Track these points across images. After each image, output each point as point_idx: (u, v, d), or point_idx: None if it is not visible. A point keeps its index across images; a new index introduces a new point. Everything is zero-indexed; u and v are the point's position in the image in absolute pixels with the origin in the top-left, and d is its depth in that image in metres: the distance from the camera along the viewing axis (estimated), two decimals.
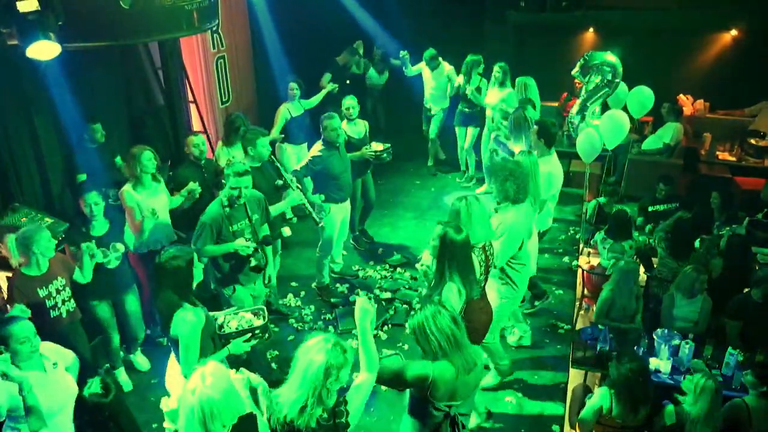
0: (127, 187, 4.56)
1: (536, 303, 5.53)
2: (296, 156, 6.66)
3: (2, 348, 3.02)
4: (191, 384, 2.47)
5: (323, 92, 7.11)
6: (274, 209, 4.68)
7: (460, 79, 7.60)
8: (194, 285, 3.31)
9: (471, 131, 7.81)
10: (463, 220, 3.73)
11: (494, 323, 4.15)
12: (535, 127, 5.24)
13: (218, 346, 3.39)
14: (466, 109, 7.72)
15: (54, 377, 3.14)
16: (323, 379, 2.41)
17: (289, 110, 6.59)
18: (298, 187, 4.81)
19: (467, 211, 3.76)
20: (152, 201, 4.55)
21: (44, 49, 3.43)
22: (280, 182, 4.89)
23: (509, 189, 4.22)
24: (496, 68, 7.22)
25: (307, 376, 2.42)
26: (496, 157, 6.61)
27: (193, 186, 4.79)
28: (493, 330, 4.29)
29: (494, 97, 7.23)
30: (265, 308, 3.66)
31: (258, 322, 3.47)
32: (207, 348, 3.31)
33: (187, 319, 3.16)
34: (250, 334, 3.41)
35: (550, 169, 5.02)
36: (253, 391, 2.92)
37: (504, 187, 4.24)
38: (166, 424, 2.80)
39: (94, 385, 2.57)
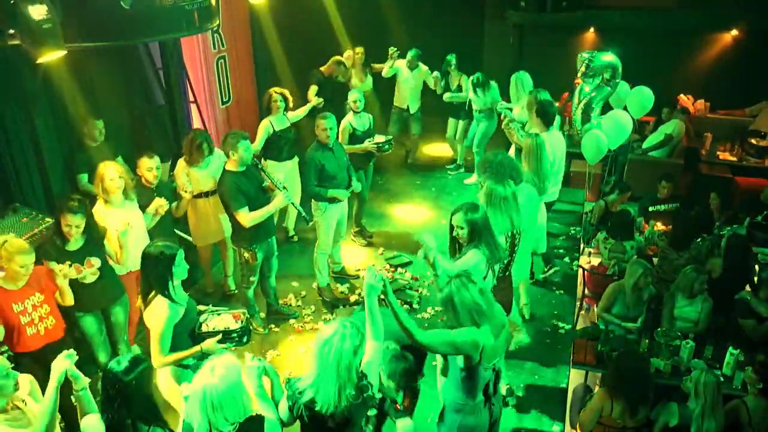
0: (98, 207, 4.33)
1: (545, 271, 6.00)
2: (278, 173, 6.05)
3: None
4: (201, 372, 2.51)
5: (309, 106, 6.59)
6: (263, 212, 4.66)
7: (434, 76, 7.92)
8: (176, 282, 3.34)
9: (462, 124, 8.22)
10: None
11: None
12: (535, 106, 5.46)
13: (195, 343, 3.42)
14: (454, 102, 8.10)
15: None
16: (354, 357, 2.61)
17: (272, 124, 6.07)
18: (284, 188, 4.77)
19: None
20: (125, 219, 4.25)
21: (52, 53, 3.46)
22: (266, 184, 4.83)
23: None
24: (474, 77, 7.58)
25: (340, 364, 2.57)
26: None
27: (159, 202, 4.49)
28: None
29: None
30: (246, 312, 3.71)
31: (234, 326, 3.49)
32: (184, 343, 3.37)
33: (159, 310, 3.26)
34: (224, 336, 3.45)
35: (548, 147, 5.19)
36: (266, 380, 2.92)
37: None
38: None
39: (122, 361, 2.60)
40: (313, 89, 7.02)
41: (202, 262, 5.70)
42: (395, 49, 7.85)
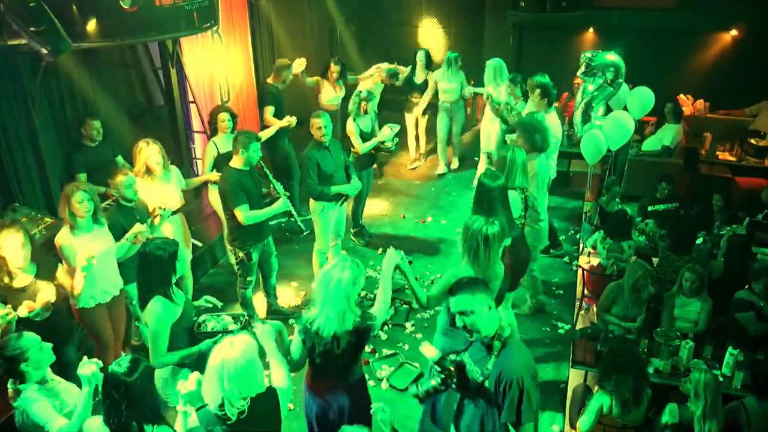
0: (63, 233, 3.88)
1: (552, 251, 6.36)
2: None
3: (24, 365, 2.93)
4: (219, 349, 2.57)
5: (273, 129, 6.22)
6: (262, 214, 4.67)
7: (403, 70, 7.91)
8: (174, 279, 3.35)
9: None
10: (508, 167, 4.43)
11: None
12: (538, 89, 5.76)
13: (193, 343, 3.42)
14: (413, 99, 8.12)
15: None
16: (352, 287, 2.97)
17: (216, 145, 5.53)
18: (285, 195, 4.77)
19: (512, 158, 4.46)
20: (93, 246, 3.87)
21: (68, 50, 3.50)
22: (266, 189, 4.81)
23: (537, 140, 4.95)
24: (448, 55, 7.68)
25: (340, 290, 2.94)
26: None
27: (139, 228, 4.11)
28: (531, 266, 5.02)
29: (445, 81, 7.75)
30: (246, 314, 3.72)
31: (233, 327, 3.51)
32: (182, 342, 3.37)
33: (156, 310, 3.26)
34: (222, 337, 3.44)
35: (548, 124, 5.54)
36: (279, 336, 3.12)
37: (534, 139, 4.93)
38: (179, 407, 2.83)
39: (123, 362, 2.59)
40: (269, 110, 6.44)
41: None
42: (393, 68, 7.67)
